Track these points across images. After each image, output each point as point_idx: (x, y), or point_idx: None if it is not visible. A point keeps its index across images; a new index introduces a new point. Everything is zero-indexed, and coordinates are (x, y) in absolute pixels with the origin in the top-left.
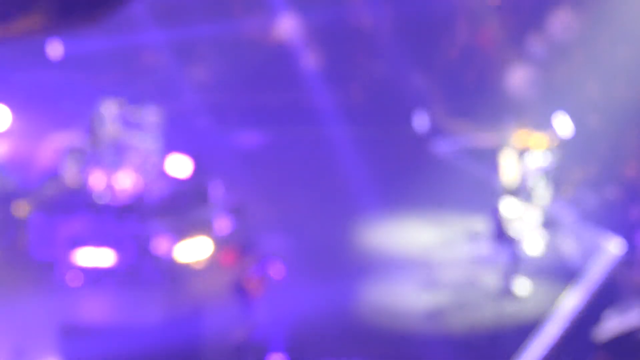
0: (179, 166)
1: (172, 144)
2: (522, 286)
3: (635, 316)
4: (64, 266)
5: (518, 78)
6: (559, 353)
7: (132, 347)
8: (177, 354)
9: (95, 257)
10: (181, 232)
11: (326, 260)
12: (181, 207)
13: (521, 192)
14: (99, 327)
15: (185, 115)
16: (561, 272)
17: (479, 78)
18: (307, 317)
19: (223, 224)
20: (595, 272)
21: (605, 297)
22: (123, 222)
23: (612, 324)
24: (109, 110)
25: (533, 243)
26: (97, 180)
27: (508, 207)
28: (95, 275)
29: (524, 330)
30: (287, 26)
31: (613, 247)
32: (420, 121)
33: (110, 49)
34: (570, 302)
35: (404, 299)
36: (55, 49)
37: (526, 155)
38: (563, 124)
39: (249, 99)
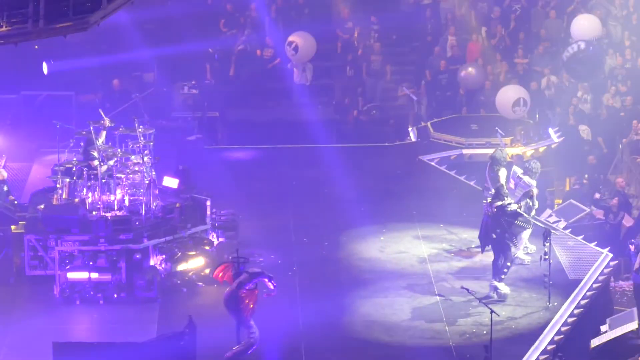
0: (172, 183)
1: (164, 161)
2: (504, 292)
3: (627, 323)
4: (58, 283)
5: (509, 91)
6: None
7: None
8: None
9: (89, 273)
10: (174, 249)
11: (318, 274)
12: (174, 223)
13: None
14: (92, 343)
15: (178, 131)
16: (555, 281)
17: (469, 90)
18: (300, 331)
19: (215, 241)
20: (588, 281)
21: (598, 305)
22: (116, 238)
23: (605, 331)
24: (102, 127)
25: (526, 253)
26: (90, 198)
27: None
28: (88, 292)
29: (519, 340)
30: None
31: (605, 256)
32: (412, 134)
33: (102, 66)
34: (564, 310)
35: (397, 312)
36: (48, 66)
37: (516, 168)
38: (554, 136)
39: (242, 115)
